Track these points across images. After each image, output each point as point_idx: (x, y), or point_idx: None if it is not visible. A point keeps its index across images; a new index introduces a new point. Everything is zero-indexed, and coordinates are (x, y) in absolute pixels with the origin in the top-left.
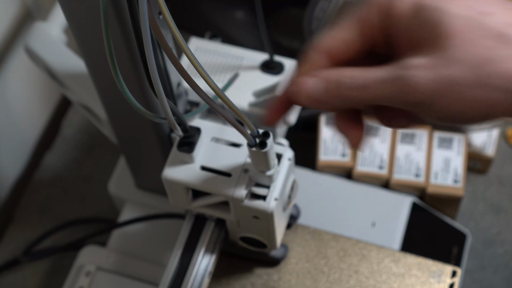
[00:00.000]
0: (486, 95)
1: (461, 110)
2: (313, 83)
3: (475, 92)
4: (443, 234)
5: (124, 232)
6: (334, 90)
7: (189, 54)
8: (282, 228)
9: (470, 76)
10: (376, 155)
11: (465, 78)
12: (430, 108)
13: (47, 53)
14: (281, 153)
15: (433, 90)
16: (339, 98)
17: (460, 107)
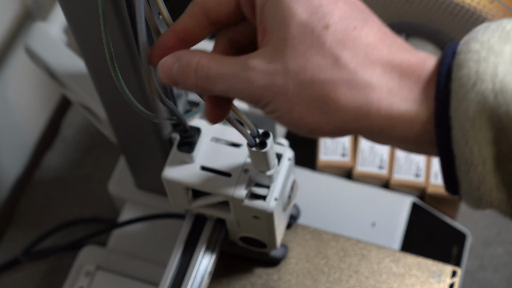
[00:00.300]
0: (310, 116)
1: (291, 122)
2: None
3: (301, 110)
4: (443, 234)
5: (124, 232)
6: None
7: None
8: (282, 228)
9: (297, 93)
10: (376, 155)
11: (292, 94)
12: (269, 112)
13: (47, 53)
14: (281, 153)
15: (266, 95)
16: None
17: (290, 119)
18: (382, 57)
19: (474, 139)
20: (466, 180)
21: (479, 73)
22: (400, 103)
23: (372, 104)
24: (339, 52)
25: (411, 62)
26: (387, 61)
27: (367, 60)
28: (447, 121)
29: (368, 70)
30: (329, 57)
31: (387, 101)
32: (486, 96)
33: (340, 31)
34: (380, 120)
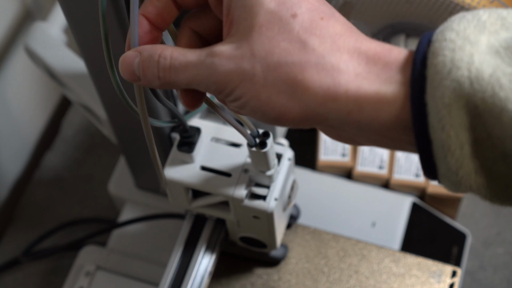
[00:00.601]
0: (277, 100)
1: (257, 108)
2: (131, 57)
3: (268, 93)
4: (443, 234)
5: (124, 232)
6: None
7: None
8: (282, 228)
9: (266, 75)
10: (376, 155)
11: (260, 77)
12: (234, 99)
13: (47, 53)
14: (281, 153)
15: (232, 81)
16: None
17: (256, 104)
18: (349, 44)
19: (451, 125)
20: (443, 165)
21: (455, 61)
22: (368, 85)
23: (340, 86)
24: (306, 38)
25: (378, 50)
26: (354, 48)
27: (334, 46)
28: (423, 108)
29: (336, 55)
30: (296, 42)
31: (355, 83)
32: (461, 83)
33: (307, 20)
34: (348, 102)
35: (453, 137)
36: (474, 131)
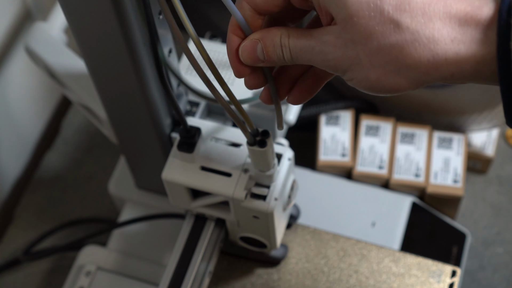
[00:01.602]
0: (385, 78)
1: (370, 86)
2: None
3: (376, 74)
4: (442, 234)
5: (124, 232)
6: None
7: (202, 52)
8: (282, 228)
9: (371, 60)
10: (376, 155)
11: (365, 61)
12: (348, 79)
13: (48, 53)
14: (281, 153)
15: (342, 65)
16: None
17: (368, 83)
18: (440, 11)
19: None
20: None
21: None
22: (465, 49)
23: (439, 56)
24: (397, 17)
25: (468, 10)
26: (445, 14)
27: (425, 17)
28: (509, 54)
29: (429, 27)
30: (389, 24)
31: (452, 50)
32: None
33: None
34: (450, 68)
35: None
36: None
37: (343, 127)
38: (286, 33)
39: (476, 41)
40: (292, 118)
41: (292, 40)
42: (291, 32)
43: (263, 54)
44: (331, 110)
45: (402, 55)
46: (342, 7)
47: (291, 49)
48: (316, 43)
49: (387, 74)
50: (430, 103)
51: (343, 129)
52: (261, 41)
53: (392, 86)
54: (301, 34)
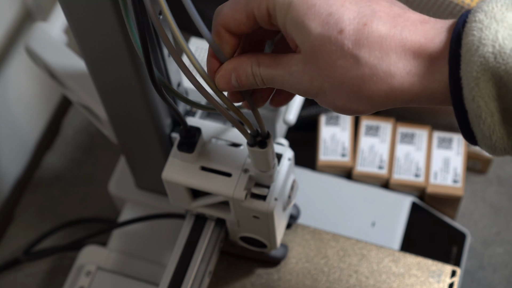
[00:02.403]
0: (350, 105)
1: (337, 109)
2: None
3: (341, 101)
4: (442, 234)
5: (124, 232)
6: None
7: (189, 54)
8: (282, 228)
9: (335, 90)
10: (375, 155)
11: (330, 91)
12: (316, 100)
13: (48, 53)
14: (281, 153)
15: (310, 93)
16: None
17: (335, 107)
18: (396, 45)
19: (480, 95)
20: (479, 131)
21: (481, 39)
22: (420, 80)
23: (396, 89)
24: (357, 52)
25: (422, 42)
26: (400, 47)
27: (382, 52)
28: (459, 82)
29: (385, 61)
30: (350, 58)
31: (408, 82)
32: (487, 58)
33: (353, 32)
34: (406, 97)
35: (483, 107)
36: (502, 100)
37: (343, 127)
38: (256, 62)
39: (429, 72)
40: (292, 118)
41: (263, 69)
42: (261, 60)
43: (237, 82)
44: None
45: (362, 89)
46: (306, 40)
47: (263, 77)
48: (285, 73)
49: (351, 101)
50: None
51: (343, 129)
52: (234, 72)
53: (357, 110)
54: (271, 62)
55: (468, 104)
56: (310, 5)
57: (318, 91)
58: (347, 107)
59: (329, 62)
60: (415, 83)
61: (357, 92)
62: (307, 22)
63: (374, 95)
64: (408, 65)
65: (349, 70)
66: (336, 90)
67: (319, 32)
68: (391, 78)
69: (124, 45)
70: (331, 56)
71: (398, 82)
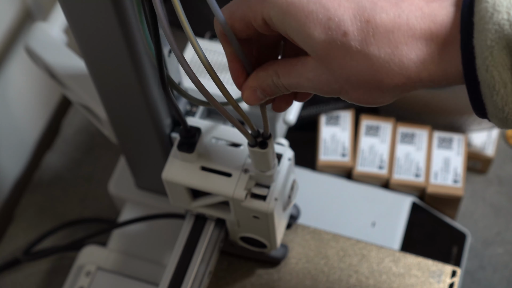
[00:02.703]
0: (371, 98)
1: (360, 103)
2: (252, 92)
3: (363, 96)
4: (443, 234)
5: (124, 232)
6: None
7: (200, 54)
8: (282, 228)
9: (354, 88)
10: (376, 155)
11: (351, 90)
12: (343, 98)
13: (48, 53)
14: (281, 153)
15: (333, 93)
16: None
17: (357, 101)
18: (404, 37)
19: (493, 65)
20: (491, 103)
21: (496, 6)
22: (435, 68)
23: (413, 79)
24: (366, 50)
25: (432, 28)
26: (410, 37)
27: (392, 47)
28: (472, 51)
29: (397, 55)
30: (360, 57)
31: (424, 70)
32: (502, 26)
33: (358, 32)
34: (425, 83)
35: (497, 77)
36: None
37: (343, 127)
38: (275, 74)
39: (444, 56)
40: (292, 118)
41: (283, 79)
42: (279, 70)
43: (264, 95)
44: (331, 110)
45: (381, 83)
46: (313, 47)
47: (285, 86)
48: (304, 80)
49: (374, 95)
50: (430, 103)
51: (343, 129)
52: (258, 88)
53: (382, 102)
54: (289, 71)
55: (481, 74)
56: (307, 13)
57: (340, 90)
58: (371, 101)
59: (341, 65)
60: (431, 69)
61: (377, 86)
62: (309, 31)
63: (393, 88)
64: (421, 54)
65: (363, 70)
66: (356, 88)
67: (323, 39)
68: (406, 70)
69: (124, 45)
70: (341, 60)
71: (414, 73)
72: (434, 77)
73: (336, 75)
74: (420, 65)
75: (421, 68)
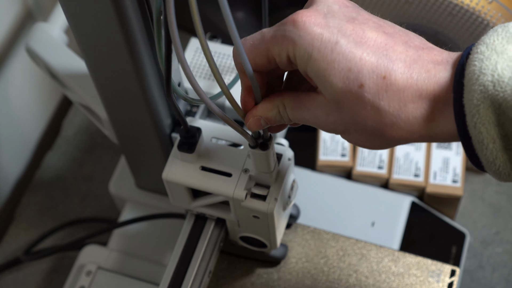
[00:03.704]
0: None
1: (361, 146)
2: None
3: (366, 142)
4: (442, 234)
5: (124, 232)
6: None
7: (208, 56)
8: (282, 228)
9: (358, 133)
10: (375, 155)
11: (356, 134)
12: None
13: (48, 54)
14: (281, 153)
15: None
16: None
17: (359, 144)
18: (412, 96)
19: (481, 122)
20: (483, 157)
21: (482, 69)
22: (437, 125)
23: (415, 134)
24: (377, 104)
25: (436, 89)
26: (417, 97)
27: (401, 103)
28: (462, 109)
29: (404, 111)
30: (371, 109)
31: (426, 128)
32: (486, 86)
33: (373, 85)
34: (425, 139)
35: (484, 133)
36: (502, 127)
37: None
38: (282, 106)
39: (446, 115)
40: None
41: (290, 112)
42: (286, 103)
43: (266, 123)
44: None
45: (384, 134)
46: (328, 92)
47: (291, 118)
48: (310, 116)
49: (374, 142)
50: None
51: None
52: (263, 117)
53: (379, 147)
54: (296, 105)
55: (471, 130)
56: (329, 61)
57: (343, 131)
58: (370, 145)
59: (352, 111)
60: (432, 127)
61: (379, 136)
62: (328, 78)
63: (395, 139)
64: (424, 112)
65: (371, 119)
66: (359, 133)
67: (340, 87)
68: (410, 126)
69: (124, 45)
70: (353, 107)
71: (417, 129)
72: (433, 134)
73: (345, 119)
74: (422, 123)
75: (423, 125)
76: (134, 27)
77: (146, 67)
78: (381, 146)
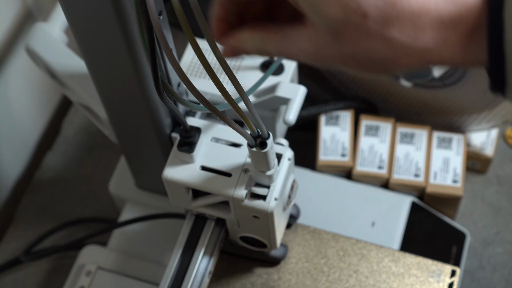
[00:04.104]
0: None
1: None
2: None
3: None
4: (442, 234)
5: (124, 232)
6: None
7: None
8: (282, 228)
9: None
10: (375, 155)
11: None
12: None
13: (48, 53)
14: (281, 153)
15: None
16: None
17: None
18: (431, 21)
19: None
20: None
21: None
22: (461, 50)
23: (435, 60)
24: (386, 33)
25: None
26: (439, 22)
27: (417, 30)
28: (500, 25)
29: (421, 38)
30: (378, 40)
31: (448, 53)
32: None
33: (380, 13)
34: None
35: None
36: None
37: (343, 127)
38: (259, 40)
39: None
40: (292, 118)
41: (273, 47)
42: (265, 37)
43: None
44: (331, 110)
45: (395, 63)
46: (325, 23)
47: (274, 53)
48: (298, 52)
49: (380, 72)
50: (430, 103)
51: (343, 129)
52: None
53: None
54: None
55: (508, 47)
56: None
57: (341, 65)
58: (371, 73)
59: (353, 43)
60: (455, 52)
61: (388, 65)
62: (325, 7)
63: (407, 66)
64: (447, 38)
65: (377, 51)
66: (362, 66)
67: (340, 18)
68: (429, 52)
69: (124, 45)
70: (355, 39)
71: (437, 55)
72: (457, 59)
73: (344, 52)
74: (444, 49)
75: (445, 51)
76: (134, 27)
77: (146, 67)
78: (386, 72)
